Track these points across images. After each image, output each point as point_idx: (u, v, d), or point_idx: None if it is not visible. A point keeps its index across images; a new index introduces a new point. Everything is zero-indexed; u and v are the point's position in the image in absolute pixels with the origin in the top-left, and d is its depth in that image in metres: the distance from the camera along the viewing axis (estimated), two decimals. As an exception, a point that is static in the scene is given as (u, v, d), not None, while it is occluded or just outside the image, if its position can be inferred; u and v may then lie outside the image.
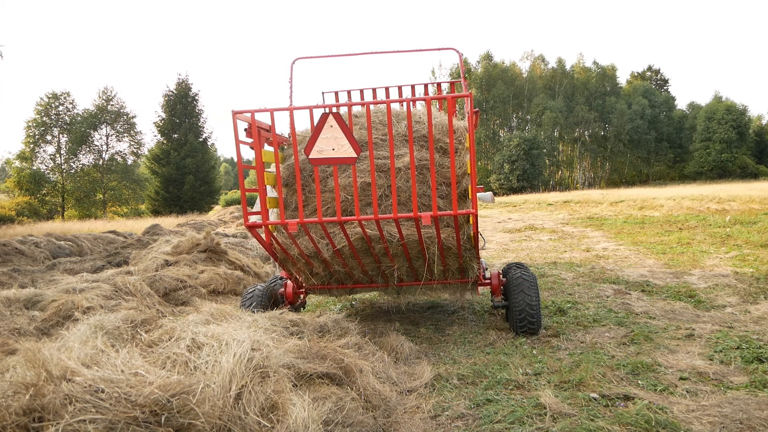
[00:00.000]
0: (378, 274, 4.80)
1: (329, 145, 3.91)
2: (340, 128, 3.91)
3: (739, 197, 19.68)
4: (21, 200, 36.09)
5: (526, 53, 70.20)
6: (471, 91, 4.25)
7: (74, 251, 12.66)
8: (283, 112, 4.12)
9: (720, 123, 54.54)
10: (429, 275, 4.61)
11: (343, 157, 3.91)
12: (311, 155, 3.95)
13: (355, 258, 4.50)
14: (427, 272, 4.57)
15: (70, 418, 2.01)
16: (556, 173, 59.27)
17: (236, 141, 4.17)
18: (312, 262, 4.66)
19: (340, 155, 3.91)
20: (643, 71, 68.24)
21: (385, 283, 4.90)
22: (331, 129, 3.91)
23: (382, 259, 4.58)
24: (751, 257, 8.18)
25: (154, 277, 6.90)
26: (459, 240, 4.22)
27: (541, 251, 10.61)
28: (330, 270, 4.72)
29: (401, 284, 4.88)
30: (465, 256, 4.53)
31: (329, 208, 4.51)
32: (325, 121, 3.91)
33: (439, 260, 4.42)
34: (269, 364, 2.77)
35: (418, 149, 4.53)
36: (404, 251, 4.38)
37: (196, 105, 44.83)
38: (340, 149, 3.90)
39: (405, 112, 4.63)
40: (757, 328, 4.57)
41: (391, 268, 4.66)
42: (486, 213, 24.02)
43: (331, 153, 3.92)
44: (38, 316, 5.31)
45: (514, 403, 3.16)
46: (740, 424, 2.79)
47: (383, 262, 4.62)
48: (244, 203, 4.31)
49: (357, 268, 4.70)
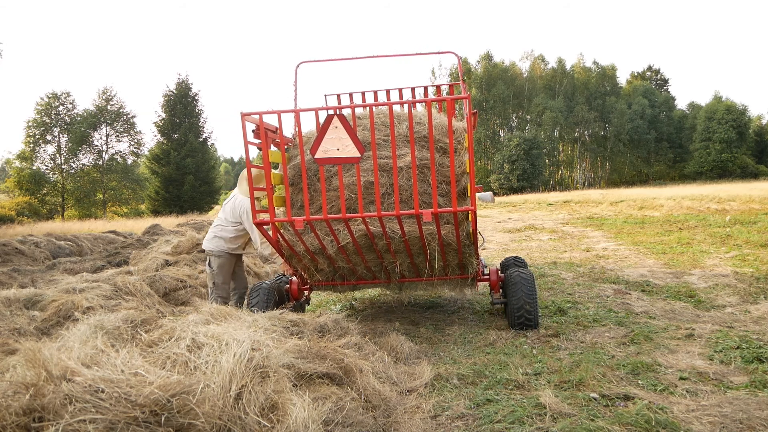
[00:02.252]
0: (380, 269, 4.89)
1: (334, 146, 4.03)
2: (344, 129, 4.02)
3: (739, 197, 19.68)
4: (21, 200, 36.09)
5: (526, 53, 70.19)
6: (470, 92, 4.42)
7: (74, 251, 12.67)
8: (289, 114, 4.25)
9: (720, 123, 54.49)
10: (430, 271, 4.70)
11: (348, 157, 4.02)
12: (317, 155, 4.06)
13: (359, 254, 4.60)
14: (428, 268, 4.66)
15: (70, 418, 2.01)
16: (556, 173, 59.24)
17: (245, 142, 4.26)
18: (317, 259, 4.75)
19: (344, 155, 4.02)
20: (643, 71, 68.23)
21: (387, 279, 5.01)
22: (336, 130, 4.02)
23: (384, 255, 4.67)
24: (751, 257, 8.18)
25: (154, 277, 6.90)
26: (458, 236, 4.30)
27: (541, 251, 10.61)
28: (334, 266, 4.82)
29: (403, 280, 5.00)
30: (464, 252, 4.62)
31: (334, 206, 4.60)
32: (330, 122, 4.02)
33: (439, 256, 4.51)
34: (269, 364, 2.77)
35: (419, 149, 4.64)
36: (406, 247, 4.47)
37: (196, 105, 44.80)
38: (345, 149, 4.01)
39: (406, 114, 4.75)
40: (757, 328, 4.57)
41: (393, 264, 4.74)
42: (486, 213, 24.03)
43: (336, 153, 4.03)
44: (38, 316, 5.31)
45: (514, 403, 3.15)
46: (740, 424, 2.79)
47: (386, 258, 4.70)
48: (252, 202, 4.40)
49: (360, 265, 4.79)
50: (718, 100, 58.51)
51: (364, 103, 4.30)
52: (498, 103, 56.48)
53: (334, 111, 4.05)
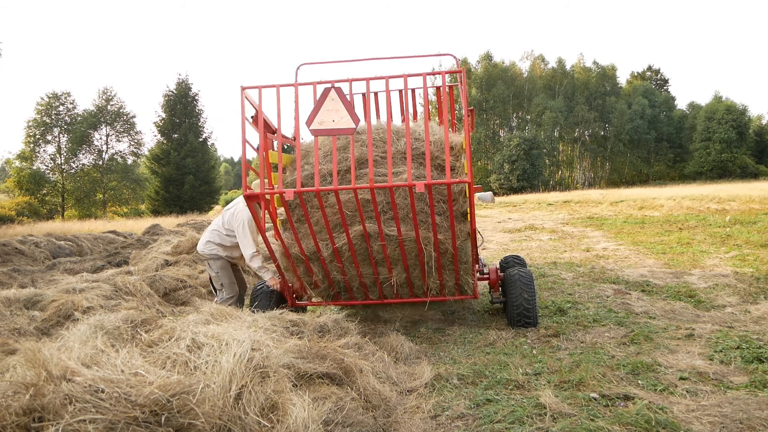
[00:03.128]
0: (374, 286, 4.80)
1: (330, 117, 4.07)
2: (341, 101, 4.06)
3: (739, 197, 19.68)
4: (21, 200, 36.09)
5: (526, 53, 70.19)
6: (467, 86, 4.40)
7: (74, 251, 12.67)
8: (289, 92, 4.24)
9: (720, 123, 54.48)
10: (424, 285, 4.60)
11: (343, 128, 4.06)
12: (312, 126, 4.09)
13: (353, 261, 4.51)
14: (423, 283, 4.58)
15: (70, 418, 2.01)
16: (556, 173, 59.23)
17: (242, 116, 4.28)
18: (312, 269, 4.68)
19: (339, 126, 4.06)
20: (643, 71, 68.22)
21: (381, 297, 4.89)
22: (333, 102, 4.07)
23: (379, 265, 4.60)
24: (751, 257, 8.18)
25: (154, 277, 6.90)
26: (452, 216, 4.19)
27: (541, 251, 10.61)
28: (328, 279, 4.73)
29: (397, 300, 4.89)
30: (461, 262, 4.54)
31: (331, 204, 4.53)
32: (327, 94, 4.07)
33: (436, 266, 4.44)
34: (269, 364, 2.77)
35: (416, 167, 4.53)
36: (401, 249, 4.39)
37: (196, 105, 44.82)
38: (340, 120, 4.06)
39: (404, 130, 4.69)
40: (757, 328, 4.57)
41: (389, 279, 4.66)
42: (486, 213, 24.03)
43: (332, 124, 4.07)
44: (38, 316, 5.31)
45: (514, 403, 3.15)
46: (740, 424, 2.79)
47: (381, 271, 4.63)
48: (244, 176, 4.31)
49: (355, 279, 4.71)
50: (718, 100, 58.49)
51: (361, 77, 4.31)
52: (498, 103, 56.47)
53: (331, 84, 4.09)
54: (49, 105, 39.69)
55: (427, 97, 4.10)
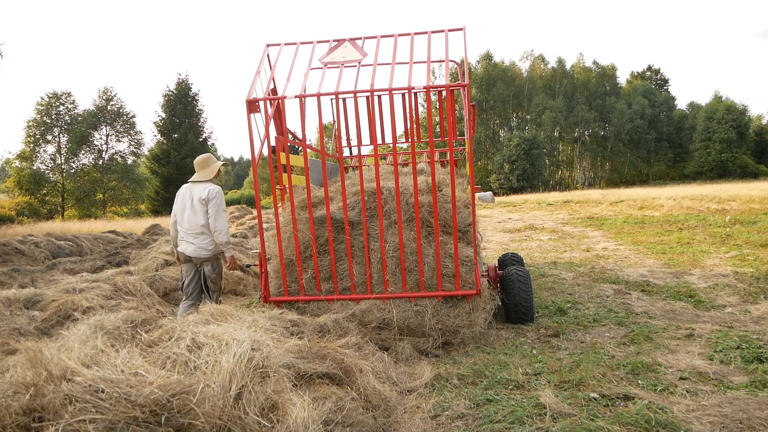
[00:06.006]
0: (363, 277, 4.70)
1: (340, 54, 4.72)
2: (352, 47, 4.74)
3: (739, 197, 19.67)
4: (21, 200, 36.06)
5: (526, 53, 70.10)
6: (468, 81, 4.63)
7: (74, 251, 12.66)
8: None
9: (720, 123, 54.46)
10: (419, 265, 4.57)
11: (351, 60, 4.65)
12: (323, 59, 4.71)
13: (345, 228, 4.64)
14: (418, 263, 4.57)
15: (70, 418, 2.01)
16: (556, 173, 59.22)
17: (256, 72, 4.68)
18: (298, 245, 4.71)
19: (348, 58, 4.67)
20: (643, 71, 68.17)
21: (368, 292, 4.66)
22: (345, 48, 4.75)
23: (371, 240, 4.72)
24: (751, 257, 8.18)
25: (154, 277, 6.90)
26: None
27: (541, 251, 10.61)
28: (314, 255, 4.70)
29: (387, 296, 4.60)
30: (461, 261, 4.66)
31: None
32: (342, 43, 4.79)
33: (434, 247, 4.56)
34: (269, 364, 2.77)
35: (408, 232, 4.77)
36: (396, 201, 4.49)
37: (196, 105, 44.78)
38: (349, 55, 4.70)
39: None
40: (757, 328, 4.57)
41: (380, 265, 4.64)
42: (486, 213, 24.02)
43: (341, 59, 4.70)
44: (38, 316, 5.31)
45: (514, 403, 3.15)
46: (740, 424, 2.79)
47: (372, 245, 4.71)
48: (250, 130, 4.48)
49: (344, 259, 4.73)
50: (718, 100, 58.48)
51: (371, 36, 4.89)
52: (498, 103, 56.45)
53: (348, 41, 4.77)
54: (50, 105, 39.66)
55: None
